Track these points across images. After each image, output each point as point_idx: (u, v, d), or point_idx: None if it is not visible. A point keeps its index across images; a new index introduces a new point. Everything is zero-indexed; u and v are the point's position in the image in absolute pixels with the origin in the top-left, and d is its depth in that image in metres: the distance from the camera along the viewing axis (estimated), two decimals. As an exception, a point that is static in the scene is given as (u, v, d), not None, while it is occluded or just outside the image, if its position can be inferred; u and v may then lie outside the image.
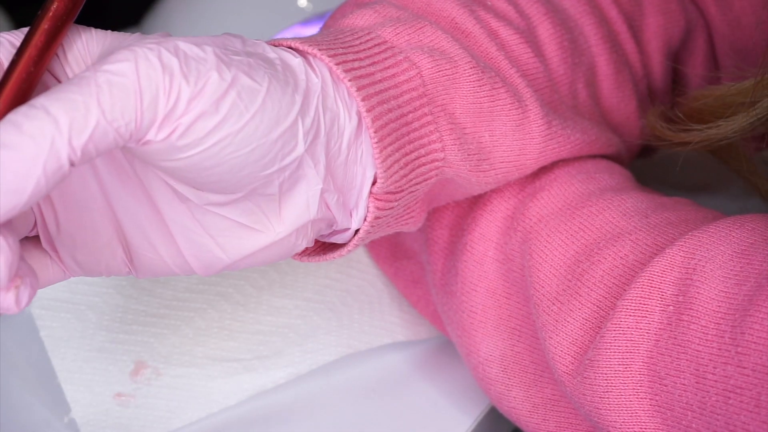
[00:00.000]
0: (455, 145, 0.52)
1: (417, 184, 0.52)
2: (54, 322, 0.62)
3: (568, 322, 0.52)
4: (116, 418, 0.61)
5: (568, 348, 0.52)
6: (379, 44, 0.51)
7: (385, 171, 0.49)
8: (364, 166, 0.49)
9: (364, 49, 0.50)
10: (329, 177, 0.49)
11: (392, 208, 0.51)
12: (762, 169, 0.62)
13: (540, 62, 0.57)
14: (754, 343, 0.45)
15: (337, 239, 0.52)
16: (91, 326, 0.62)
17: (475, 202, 0.58)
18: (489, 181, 0.55)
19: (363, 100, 0.48)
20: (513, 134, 0.55)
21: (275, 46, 0.49)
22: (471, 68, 0.53)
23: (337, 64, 0.48)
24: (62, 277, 0.49)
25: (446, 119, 0.52)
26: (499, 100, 0.54)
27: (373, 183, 0.50)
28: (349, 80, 0.48)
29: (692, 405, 0.47)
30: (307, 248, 0.53)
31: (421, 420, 0.63)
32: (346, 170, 0.49)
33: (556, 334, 0.53)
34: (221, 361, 0.63)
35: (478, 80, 0.53)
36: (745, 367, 0.45)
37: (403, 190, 0.51)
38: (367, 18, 0.53)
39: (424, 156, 0.51)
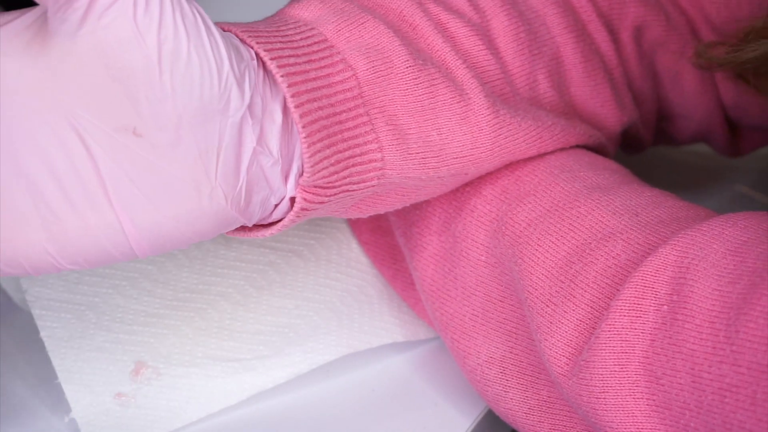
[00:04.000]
0: (394, 145, 0.53)
1: (353, 183, 0.52)
2: (54, 323, 0.62)
3: (562, 323, 0.52)
4: (117, 418, 0.61)
5: (563, 349, 0.52)
6: (318, 42, 0.52)
7: (312, 165, 0.50)
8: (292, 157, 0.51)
9: (303, 46, 0.51)
10: (263, 141, 0.49)
11: (323, 203, 0.52)
12: None
13: (491, 55, 0.57)
14: (749, 341, 0.45)
15: (275, 215, 0.53)
16: (92, 326, 0.62)
17: (461, 208, 0.59)
18: (443, 176, 0.56)
19: (293, 96, 0.49)
20: (460, 128, 0.55)
21: (224, 30, 0.50)
22: (407, 67, 0.53)
23: (271, 58, 0.50)
24: None
25: (384, 120, 0.53)
26: (439, 95, 0.54)
27: (301, 174, 0.51)
28: (281, 75, 0.49)
29: (689, 404, 0.47)
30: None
31: (420, 420, 0.63)
32: (281, 140, 0.50)
33: (551, 336, 0.53)
34: (221, 361, 0.63)
35: (415, 78, 0.54)
36: (740, 365, 0.45)
37: (334, 187, 0.52)
38: (313, 9, 0.54)
39: (359, 156, 0.52)
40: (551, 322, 0.53)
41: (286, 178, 0.51)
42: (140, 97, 0.45)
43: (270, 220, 0.53)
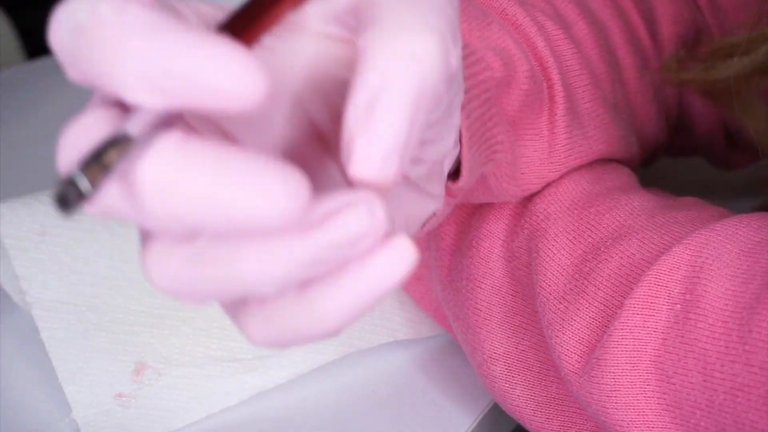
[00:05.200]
0: (510, 147, 0.52)
1: (475, 178, 0.51)
2: (55, 324, 0.62)
3: (574, 320, 0.53)
4: (117, 418, 0.61)
5: (574, 347, 0.52)
6: (464, 44, 0.50)
7: (468, 169, 0.49)
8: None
9: None
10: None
11: (455, 202, 0.51)
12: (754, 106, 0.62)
13: (582, 58, 0.57)
14: (762, 341, 0.45)
15: None
16: (92, 327, 0.62)
17: None
18: (514, 193, 0.56)
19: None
20: (541, 145, 0.55)
21: None
22: (526, 78, 0.53)
23: None
24: None
25: (506, 121, 0.52)
26: (538, 110, 0.54)
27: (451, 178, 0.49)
28: None
29: (700, 403, 0.47)
30: None
31: (421, 419, 0.63)
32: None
33: (563, 333, 0.53)
34: (221, 361, 0.63)
35: (527, 90, 0.53)
36: (752, 365, 0.45)
37: (468, 187, 0.50)
38: None
39: (491, 154, 0.51)
40: (563, 319, 0.53)
41: None
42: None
43: None
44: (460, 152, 0.48)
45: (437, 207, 0.46)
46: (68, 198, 0.31)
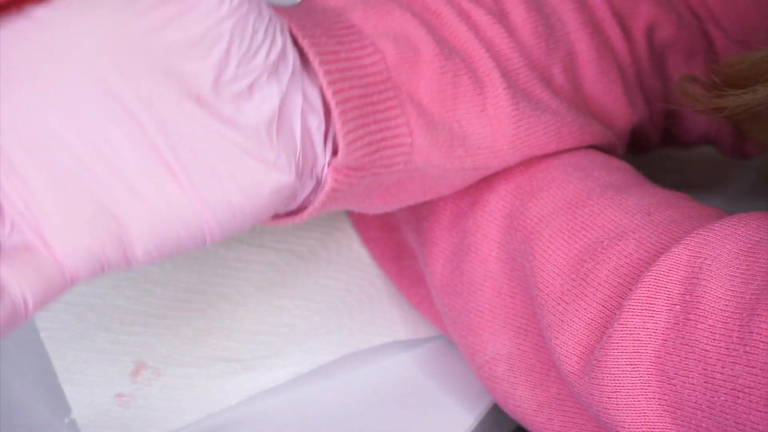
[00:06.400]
0: (423, 129, 0.53)
1: (383, 167, 0.52)
2: (54, 323, 0.62)
3: (573, 322, 0.53)
4: (117, 418, 0.60)
5: (574, 348, 0.52)
6: (347, 27, 0.52)
7: (347, 144, 0.50)
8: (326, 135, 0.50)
9: (332, 29, 0.51)
10: (308, 101, 0.49)
11: (352, 185, 0.51)
12: None
13: (515, 44, 0.57)
14: (762, 341, 0.45)
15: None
16: (92, 327, 0.62)
17: (474, 203, 0.59)
18: (467, 168, 0.56)
19: (326, 73, 0.49)
20: (479, 120, 0.55)
21: None
22: (434, 56, 0.53)
23: (303, 36, 0.49)
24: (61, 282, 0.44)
25: (413, 105, 0.53)
26: (461, 86, 0.54)
27: (334, 154, 0.50)
28: (314, 53, 0.49)
29: (701, 404, 0.47)
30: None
31: (422, 419, 0.62)
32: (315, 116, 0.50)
33: (562, 334, 0.53)
34: (221, 361, 0.63)
35: (441, 68, 0.54)
36: (753, 366, 0.45)
37: (365, 168, 0.51)
38: None
39: (390, 138, 0.52)
40: (562, 321, 0.53)
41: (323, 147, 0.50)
42: (209, 59, 0.45)
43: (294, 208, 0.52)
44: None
45: (285, 180, 0.47)
46: None
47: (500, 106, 0.55)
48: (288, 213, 0.53)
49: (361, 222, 0.67)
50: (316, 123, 0.49)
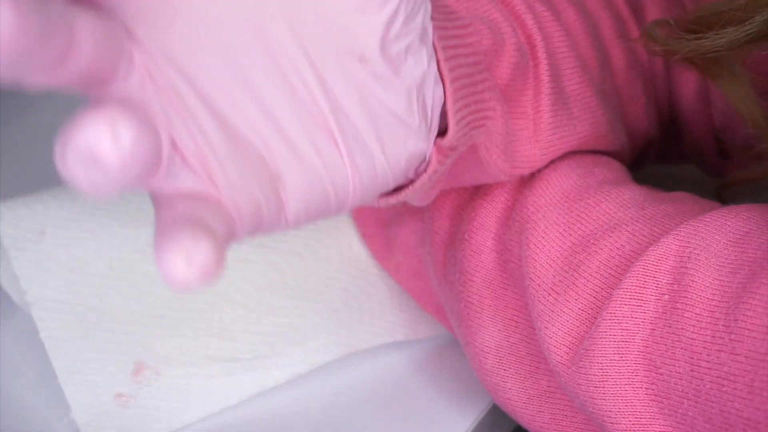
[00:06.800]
0: (501, 115, 0.52)
1: (465, 144, 0.50)
2: (54, 323, 0.62)
3: (564, 312, 0.52)
4: (116, 418, 0.61)
5: (563, 338, 0.52)
6: (445, 5, 0.51)
7: (456, 123, 0.48)
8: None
9: (437, 6, 0.49)
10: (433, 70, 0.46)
11: (447, 165, 0.50)
12: (750, 92, 0.61)
13: (570, 40, 0.57)
14: (747, 330, 0.45)
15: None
16: (91, 327, 0.62)
17: (475, 192, 0.59)
18: (504, 169, 0.55)
19: (443, 49, 0.47)
20: (524, 122, 0.55)
21: None
22: (515, 49, 0.53)
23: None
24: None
25: (497, 90, 0.52)
26: (526, 86, 0.54)
27: (439, 135, 0.48)
28: (432, 27, 0.46)
29: (687, 393, 0.47)
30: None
31: (420, 419, 0.63)
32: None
33: (552, 325, 0.53)
34: (221, 361, 0.63)
35: (516, 62, 0.53)
36: (738, 354, 0.45)
37: (458, 148, 0.50)
38: None
39: (483, 119, 0.50)
40: (552, 311, 0.53)
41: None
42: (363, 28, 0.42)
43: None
44: (445, 115, 0.48)
45: (422, 147, 0.46)
46: None
47: (541, 110, 0.55)
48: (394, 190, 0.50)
49: (358, 218, 0.67)
50: (440, 94, 0.47)
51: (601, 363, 0.50)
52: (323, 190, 0.43)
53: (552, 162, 0.58)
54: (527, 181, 0.58)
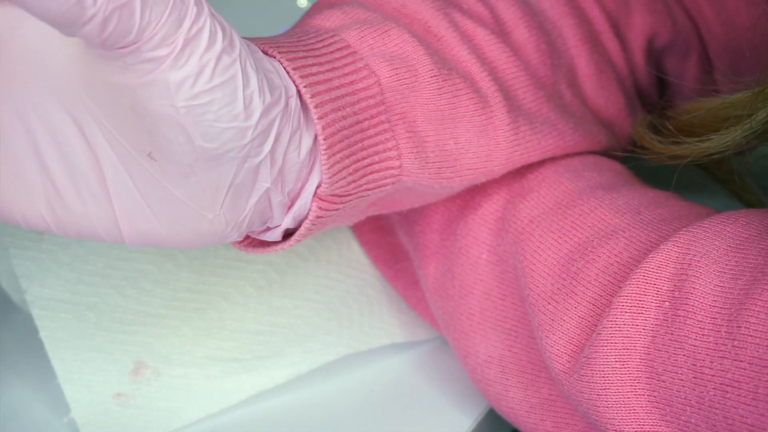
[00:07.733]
0: (413, 153, 0.52)
1: (368, 190, 0.51)
2: (53, 323, 0.62)
3: (563, 320, 0.52)
4: (116, 418, 0.61)
5: (564, 346, 0.52)
6: (341, 48, 0.51)
7: (330, 177, 0.49)
8: (311, 169, 0.49)
9: (326, 53, 0.50)
10: (279, 179, 0.48)
11: (336, 210, 0.51)
12: (749, 182, 0.62)
13: (519, 61, 0.57)
14: (751, 336, 0.45)
15: (267, 236, 0.52)
16: (91, 326, 0.62)
17: (465, 206, 0.59)
18: (454, 186, 0.55)
19: (316, 107, 0.48)
20: (477, 140, 0.54)
21: None
22: (431, 76, 0.53)
23: (294, 68, 0.48)
24: None
25: (405, 128, 0.52)
26: (461, 106, 0.54)
27: (319, 185, 0.50)
28: (305, 86, 0.48)
29: (690, 400, 0.47)
30: (245, 239, 0.53)
31: (420, 421, 0.62)
32: (298, 174, 0.49)
33: (552, 333, 0.53)
34: (221, 361, 0.63)
35: (439, 88, 0.53)
36: (741, 361, 0.45)
37: (350, 194, 0.51)
38: (334, 19, 0.53)
39: (378, 163, 0.51)
40: (553, 320, 0.53)
41: (295, 199, 0.50)
42: (160, 136, 0.44)
43: (261, 237, 0.52)
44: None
45: (219, 229, 0.48)
46: None
47: (500, 128, 0.55)
48: (272, 242, 0.53)
49: (356, 225, 0.67)
50: (278, 199, 0.48)
51: (602, 371, 0.50)
52: (93, 228, 0.47)
53: (536, 168, 0.58)
54: (515, 190, 0.57)
